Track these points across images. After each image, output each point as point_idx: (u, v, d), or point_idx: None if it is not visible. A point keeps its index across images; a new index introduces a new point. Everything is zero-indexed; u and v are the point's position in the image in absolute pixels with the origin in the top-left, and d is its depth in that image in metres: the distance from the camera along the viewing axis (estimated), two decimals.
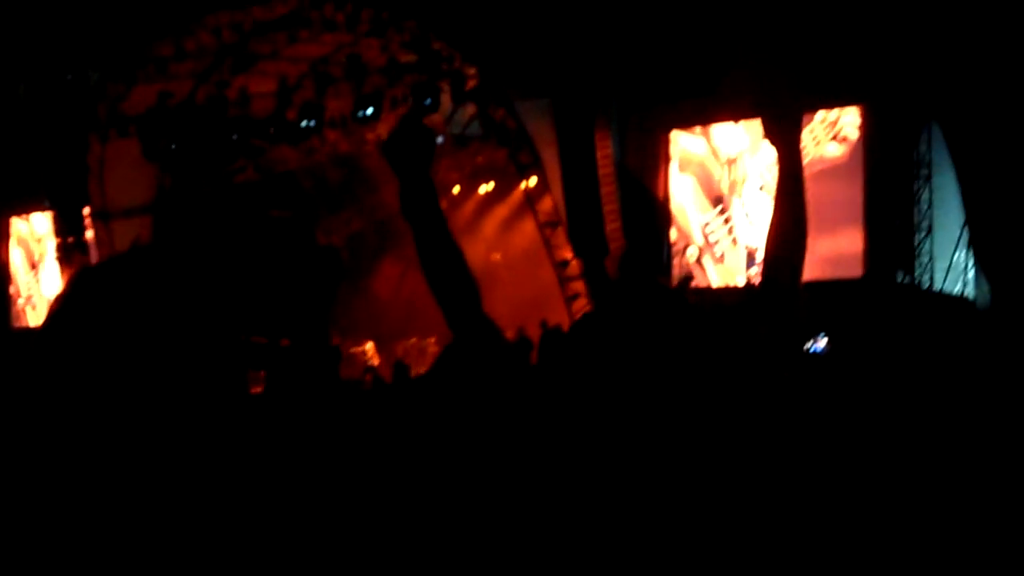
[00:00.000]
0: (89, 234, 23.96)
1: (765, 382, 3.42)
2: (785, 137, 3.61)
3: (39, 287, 27.34)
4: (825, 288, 16.20)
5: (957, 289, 17.34)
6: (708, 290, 19.80)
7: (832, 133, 18.22)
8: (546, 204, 21.19)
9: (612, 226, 20.10)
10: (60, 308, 2.43)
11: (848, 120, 18.13)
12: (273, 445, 3.10)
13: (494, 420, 3.37)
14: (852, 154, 17.98)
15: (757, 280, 3.61)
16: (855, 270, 17.11)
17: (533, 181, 21.46)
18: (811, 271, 3.57)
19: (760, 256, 3.93)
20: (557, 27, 18.39)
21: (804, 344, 13.59)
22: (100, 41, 20.97)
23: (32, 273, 27.81)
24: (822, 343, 14.11)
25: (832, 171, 17.89)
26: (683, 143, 20.29)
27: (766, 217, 3.57)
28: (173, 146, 22.16)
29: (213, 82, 22.10)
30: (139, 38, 21.10)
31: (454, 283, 3.68)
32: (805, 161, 3.69)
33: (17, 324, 27.72)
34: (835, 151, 18.09)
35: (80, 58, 21.79)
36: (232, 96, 21.97)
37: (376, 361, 22.13)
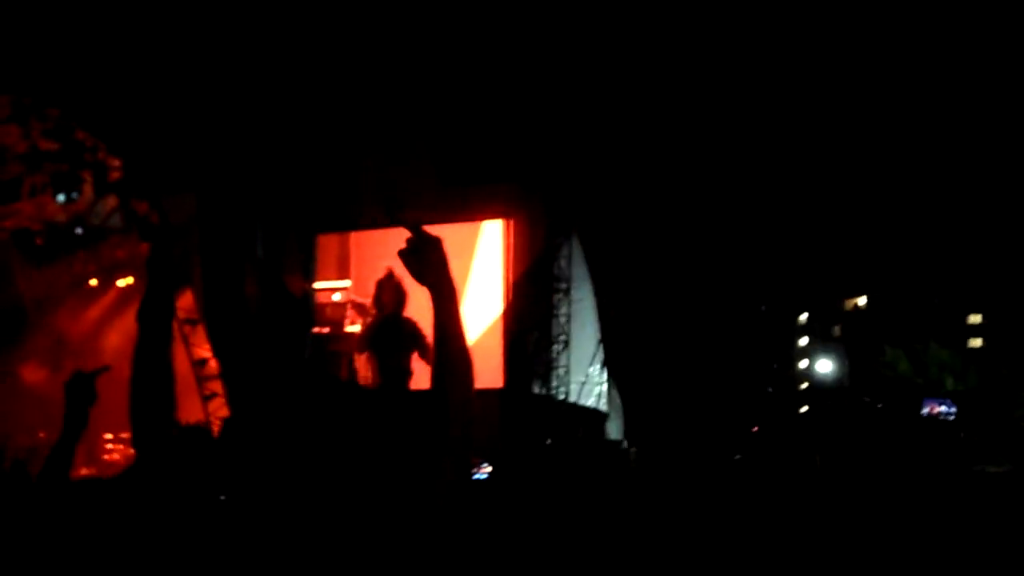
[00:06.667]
0: None
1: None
2: (434, 275, 3.59)
3: None
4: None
5: (591, 403, 17.78)
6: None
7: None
8: (186, 301, 20.79)
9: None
10: None
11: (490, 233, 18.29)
12: None
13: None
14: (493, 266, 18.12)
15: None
16: (496, 381, 17.22)
17: None
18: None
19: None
20: (202, 122, 18.18)
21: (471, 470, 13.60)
22: None
23: None
24: (485, 470, 14.15)
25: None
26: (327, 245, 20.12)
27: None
28: None
29: None
30: None
31: (152, 399, 3.76)
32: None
33: None
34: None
35: None
36: None
37: None
